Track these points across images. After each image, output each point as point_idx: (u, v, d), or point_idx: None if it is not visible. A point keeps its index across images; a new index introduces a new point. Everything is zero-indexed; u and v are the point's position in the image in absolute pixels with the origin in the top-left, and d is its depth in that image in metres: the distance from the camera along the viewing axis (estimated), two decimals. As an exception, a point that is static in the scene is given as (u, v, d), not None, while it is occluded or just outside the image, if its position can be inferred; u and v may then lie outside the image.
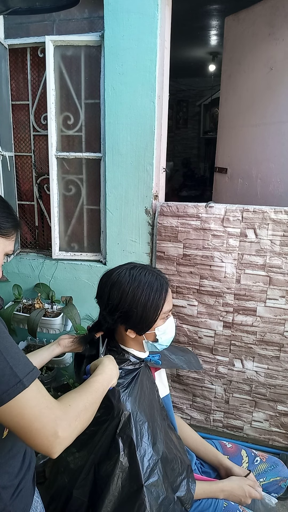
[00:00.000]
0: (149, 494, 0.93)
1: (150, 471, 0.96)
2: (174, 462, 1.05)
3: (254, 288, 1.77)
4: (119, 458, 0.95)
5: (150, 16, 1.70)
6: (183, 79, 6.74)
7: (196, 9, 3.58)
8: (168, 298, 1.08)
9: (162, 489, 0.96)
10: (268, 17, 2.22)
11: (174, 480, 1.03)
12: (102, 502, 0.94)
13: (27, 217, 2.29)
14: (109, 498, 0.94)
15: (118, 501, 0.94)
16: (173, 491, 1.00)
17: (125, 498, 0.94)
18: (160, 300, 1.05)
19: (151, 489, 0.94)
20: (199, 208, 1.79)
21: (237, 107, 2.53)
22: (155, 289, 1.05)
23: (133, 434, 0.97)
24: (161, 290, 1.06)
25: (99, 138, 1.99)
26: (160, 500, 0.95)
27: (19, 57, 2.04)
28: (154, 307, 1.04)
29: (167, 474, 1.01)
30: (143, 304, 1.03)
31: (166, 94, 1.88)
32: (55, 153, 2.03)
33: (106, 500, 0.94)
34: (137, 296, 1.03)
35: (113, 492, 0.94)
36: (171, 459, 1.04)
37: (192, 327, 1.92)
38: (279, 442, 1.89)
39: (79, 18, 1.93)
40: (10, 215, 0.88)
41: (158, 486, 0.96)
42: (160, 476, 0.97)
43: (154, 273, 1.08)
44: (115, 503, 0.94)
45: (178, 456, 1.08)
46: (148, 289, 1.04)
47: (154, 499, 0.94)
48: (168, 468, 1.02)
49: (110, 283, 1.06)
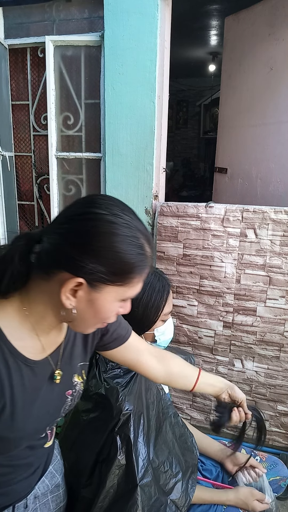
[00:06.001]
0: (143, 494, 0.94)
1: (144, 471, 0.97)
2: (165, 464, 1.05)
3: (254, 288, 1.77)
4: (117, 456, 0.97)
5: (150, 16, 1.70)
6: (183, 79, 6.74)
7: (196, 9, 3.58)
8: (169, 300, 1.08)
9: (154, 490, 0.97)
10: (268, 17, 2.22)
11: (166, 483, 1.02)
12: (98, 497, 0.95)
13: (27, 217, 2.29)
14: (104, 494, 0.95)
15: (113, 497, 0.96)
16: (165, 493, 1.00)
17: (119, 495, 0.95)
18: (161, 301, 1.05)
19: (145, 489, 0.95)
20: (199, 208, 1.79)
21: (237, 107, 2.53)
22: (157, 290, 1.05)
23: (131, 433, 0.98)
24: (163, 291, 1.06)
25: (99, 138, 1.99)
26: (152, 501, 0.95)
27: (19, 57, 2.04)
28: (155, 308, 1.05)
29: (156, 476, 1.01)
30: (144, 304, 1.03)
31: (166, 94, 1.88)
32: (55, 153, 2.03)
33: (101, 496, 0.95)
34: (139, 296, 1.03)
35: (108, 488, 0.95)
36: (162, 461, 1.04)
37: (192, 327, 1.92)
38: (279, 442, 1.89)
39: (79, 18, 1.93)
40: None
41: (151, 487, 0.97)
42: (153, 477, 0.98)
43: (157, 274, 1.09)
44: (110, 500, 0.96)
45: (174, 457, 1.08)
46: (150, 290, 1.04)
47: (147, 499, 0.94)
48: (157, 470, 1.02)
49: None
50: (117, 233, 0.60)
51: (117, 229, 0.60)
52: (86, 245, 0.59)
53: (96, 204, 0.62)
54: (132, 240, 0.61)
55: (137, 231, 0.62)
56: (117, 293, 0.64)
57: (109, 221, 0.60)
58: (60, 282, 0.61)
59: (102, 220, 0.60)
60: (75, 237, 0.60)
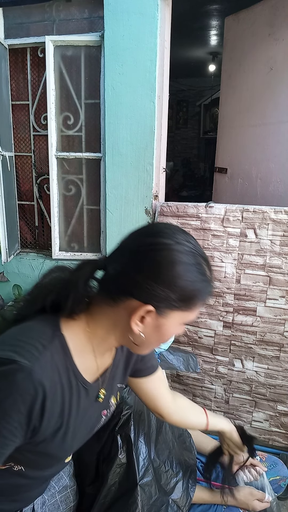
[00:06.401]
0: (143, 493, 0.94)
1: (145, 471, 0.97)
2: (165, 464, 1.05)
3: (254, 288, 1.77)
4: (118, 455, 0.97)
5: (150, 16, 1.70)
6: (183, 79, 6.73)
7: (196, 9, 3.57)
8: None
9: (155, 490, 0.97)
10: (268, 17, 2.22)
11: (167, 482, 1.03)
12: (100, 495, 0.96)
13: (27, 217, 2.29)
14: (105, 492, 0.96)
15: (114, 496, 0.96)
16: (166, 493, 1.00)
17: (120, 494, 0.96)
18: None
19: (145, 488, 0.95)
20: (199, 208, 1.79)
21: (237, 107, 2.53)
22: None
23: (132, 432, 0.99)
24: None
25: (99, 138, 1.99)
26: (153, 500, 0.96)
27: (19, 57, 2.04)
28: None
29: (157, 476, 1.01)
30: None
31: (166, 94, 1.88)
32: (55, 153, 2.03)
33: (103, 493, 0.96)
34: None
35: (110, 487, 0.96)
36: (162, 460, 1.05)
37: (192, 327, 1.92)
38: (279, 442, 1.89)
39: (79, 18, 1.93)
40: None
41: (151, 486, 0.97)
42: (154, 477, 0.98)
43: None
44: (112, 498, 0.96)
45: (174, 457, 1.08)
46: None
47: (147, 499, 0.95)
48: (158, 469, 1.03)
49: None
50: (185, 262, 0.63)
51: (185, 258, 0.63)
52: (157, 274, 0.62)
53: (162, 233, 0.65)
54: (198, 267, 0.65)
55: (200, 257, 0.66)
56: (181, 318, 0.67)
57: (177, 250, 0.63)
58: (128, 309, 0.65)
59: (170, 249, 0.63)
60: (145, 267, 0.63)
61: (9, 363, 0.60)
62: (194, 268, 0.64)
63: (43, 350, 0.63)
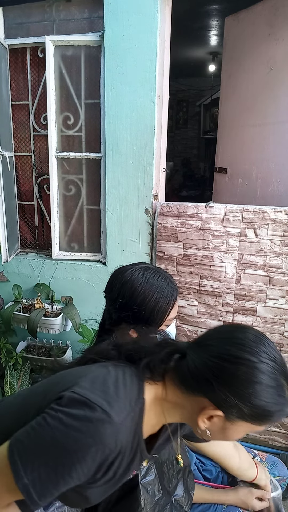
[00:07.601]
0: (145, 492, 0.95)
1: (147, 470, 0.97)
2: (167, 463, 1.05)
3: (254, 288, 1.77)
4: None
5: (150, 16, 1.70)
6: (183, 79, 6.73)
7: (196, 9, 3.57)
8: (175, 306, 1.07)
9: (158, 489, 0.97)
10: (268, 17, 2.22)
11: (169, 481, 1.03)
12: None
13: (27, 217, 2.29)
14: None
15: (117, 495, 0.96)
16: (169, 493, 1.00)
17: (124, 493, 0.96)
18: (168, 306, 1.04)
19: (147, 487, 0.95)
20: (199, 208, 1.79)
21: (237, 107, 2.53)
22: (165, 294, 1.04)
23: None
24: (170, 296, 1.05)
25: (99, 138, 1.99)
26: (156, 499, 0.96)
27: (19, 57, 2.04)
28: (161, 312, 1.04)
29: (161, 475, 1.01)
30: (151, 308, 1.02)
31: (166, 94, 1.88)
32: (55, 153, 2.03)
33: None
34: (147, 299, 1.02)
35: None
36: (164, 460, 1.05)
37: (192, 327, 1.92)
38: (279, 442, 1.89)
39: (79, 18, 1.93)
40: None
41: (154, 485, 0.97)
42: (157, 476, 0.98)
43: (167, 278, 1.07)
44: (115, 497, 0.96)
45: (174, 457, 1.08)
46: (158, 294, 1.03)
47: (149, 498, 0.95)
48: (160, 469, 1.03)
49: (123, 281, 1.04)
50: (266, 384, 0.64)
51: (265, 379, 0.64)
52: (234, 388, 0.63)
53: (248, 347, 0.66)
54: (277, 390, 0.65)
55: (282, 377, 0.66)
56: (249, 428, 0.68)
57: (259, 369, 0.64)
58: (199, 405, 0.67)
59: (252, 367, 0.64)
60: (225, 377, 0.64)
61: (101, 411, 0.63)
62: (273, 390, 0.64)
63: (130, 411, 0.67)
